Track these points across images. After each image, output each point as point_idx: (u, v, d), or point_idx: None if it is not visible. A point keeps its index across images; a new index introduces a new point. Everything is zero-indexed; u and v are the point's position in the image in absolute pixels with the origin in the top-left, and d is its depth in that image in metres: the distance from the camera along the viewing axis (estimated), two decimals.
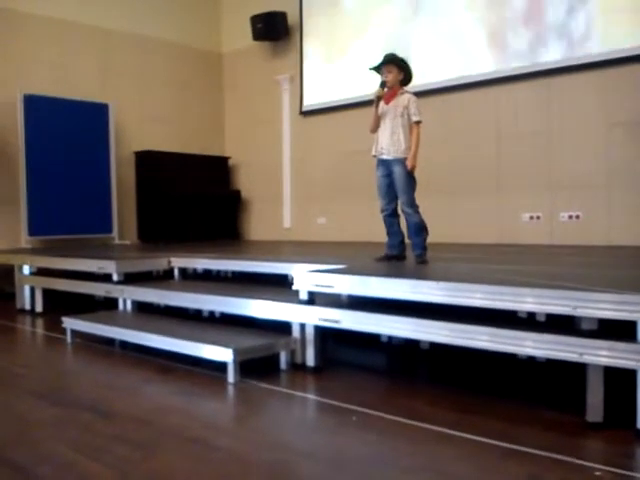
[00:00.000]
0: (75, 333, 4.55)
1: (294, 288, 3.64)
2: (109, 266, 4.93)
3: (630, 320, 2.45)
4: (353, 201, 7.66)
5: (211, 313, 4.66)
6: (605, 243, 5.79)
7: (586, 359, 2.51)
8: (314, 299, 3.59)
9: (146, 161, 8.28)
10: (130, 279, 4.96)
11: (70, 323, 4.56)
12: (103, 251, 6.37)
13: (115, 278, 4.90)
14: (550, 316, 2.85)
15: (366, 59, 7.53)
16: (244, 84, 9.21)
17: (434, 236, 4.12)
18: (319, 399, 3.13)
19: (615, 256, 4.82)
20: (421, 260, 4.01)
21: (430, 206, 4.05)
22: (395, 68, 4.04)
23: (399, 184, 4.02)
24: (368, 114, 4.20)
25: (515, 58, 6.37)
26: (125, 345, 4.27)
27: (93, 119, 7.71)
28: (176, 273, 5.29)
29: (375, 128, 4.13)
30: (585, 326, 2.58)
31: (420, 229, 4.03)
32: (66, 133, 7.42)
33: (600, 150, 5.89)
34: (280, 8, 8.31)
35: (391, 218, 4.12)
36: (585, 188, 5.98)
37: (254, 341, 3.60)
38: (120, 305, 4.90)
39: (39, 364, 4.12)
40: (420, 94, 4.11)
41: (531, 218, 6.34)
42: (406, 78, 4.11)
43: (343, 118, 7.85)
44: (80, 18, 7.83)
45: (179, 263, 5.26)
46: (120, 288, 4.85)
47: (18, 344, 4.86)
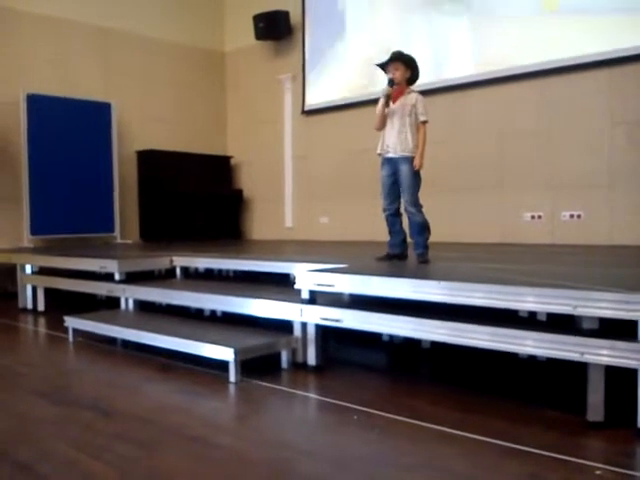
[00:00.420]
0: (77, 332, 4.56)
1: (296, 287, 3.65)
2: (111, 265, 4.94)
3: (631, 319, 2.45)
4: (355, 200, 7.66)
5: (213, 312, 4.68)
6: (607, 242, 5.79)
7: (587, 358, 2.51)
8: (315, 298, 3.60)
9: (148, 160, 8.30)
10: (132, 278, 4.97)
11: (72, 322, 4.57)
12: (105, 250, 6.39)
13: (117, 277, 4.91)
14: (551, 315, 2.86)
15: (367, 58, 7.57)
16: (246, 83, 9.22)
17: (435, 235, 4.12)
18: (320, 398, 3.13)
19: (616, 255, 4.81)
20: (423, 259, 4.01)
21: (432, 205, 4.05)
22: (402, 66, 4.00)
23: (405, 183, 4.00)
24: (370, 113, 4.20)
25: (517, 57, 6.36)
26: (127, 344, 4.28)
27: (95, 118, 7.73)
28: (178, 272, 5.30)
29: (381, 126, 4.09)
30: (586, 325, 2.58)
31: (423, 229, 4.02)
32: (69, 132, 7.44)
33: (601, 149, 5.88)
34: (282, 7, 8.33)
35: (393, 217, 4.11)
36: (586, 187, 5.97)
37: (255, 340, 3.61)
38: (122, 304, 4.91)
39: (41, 363, 4.12)
40: (421, 93, 4.10)
41: (532, 217, 6.33)
42: (413, 77, 4.08)
43: (345, 117, 7.86)
44: (82, 17, 7.85)
45: (181, 262, 5.27)
46: (122, 287, 4.86)
47: (20, 343, 4.87)
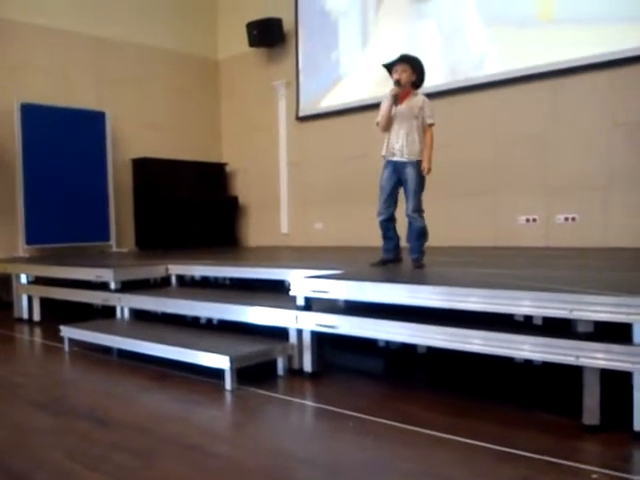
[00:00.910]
0: (73, 342, 4.55)
1: (291, 294, 3.65)
2: (106, 274, 4.93)
3: (626, 322, 2.46)
4: (350, 206, 7.67)
5: (209, 320, 4.67)
6: (601, 245, 5.80)
7: (582, 362, 2.51)
8: (311, 305, 3.60)
9: (143, 168, 8.29)
10: (127, 287, 4.96)
11: (68, 332, 4.56)
12: (100, 259, 6.38)
13: (112, 286, 4.90)
14: (546, 319, 2.86)
15: (362, 64, 7.61)
16: (240, 90, 9.23)
17: (430, 239, 4.10)
18: (316, 405, 3.13)
19: (611, 258, 4.82)
20: (418, 264, 4.00)
21: (426, 209, 4.05)
22: (409, 68, 3.99)
23: (410, 187, 3.96)
24: (365, 119, 4.21)
25: (513, 61, 6.38)
26: (123, 353, 4.26)
27: (90, 127, 7.72)
28: (173, 280, 5.29)
29: (387, 127, 4.02)
30: (581, 329, 2.59)
31: (422, 234, 4.01)
32: (63, 141, 7.43)
33: (595, 152, 5.90)
34: (276, 14, 8.35)
35: (387, 223, 4.09)
36: (581, 190, 5.99)
37: (251, 348, 3.60)
38: (117, 313, 4.90)
39: (37, 373, 4.11)
40: None
41: (527, 220, 6.35)
42: (418, 81, 4.06)
43: (339, 123, 7.86)
44: (76, 27, 7.85)
45: (176, 270, 5.26)
46: (117, 296, 4.85)
47: (16, 353, 4.86)
